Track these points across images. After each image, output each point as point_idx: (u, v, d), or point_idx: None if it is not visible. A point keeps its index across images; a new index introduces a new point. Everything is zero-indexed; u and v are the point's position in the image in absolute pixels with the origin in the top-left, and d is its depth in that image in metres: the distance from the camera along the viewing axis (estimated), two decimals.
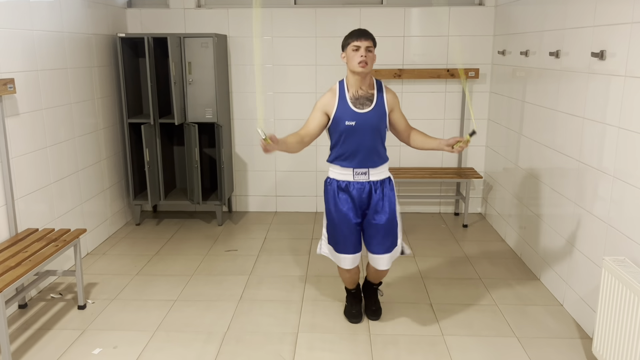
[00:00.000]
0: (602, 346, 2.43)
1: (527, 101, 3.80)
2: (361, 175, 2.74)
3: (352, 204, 2.76)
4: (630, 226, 2.50)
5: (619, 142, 2.59)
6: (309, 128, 2.74)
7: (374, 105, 2.70)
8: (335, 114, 2.70)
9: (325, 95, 2.75)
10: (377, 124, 2.70)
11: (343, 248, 2.81)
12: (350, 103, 2.69)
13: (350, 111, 2.68)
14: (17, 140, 3.16)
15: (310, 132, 2.73)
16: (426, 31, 4.67)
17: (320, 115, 2.72)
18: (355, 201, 2.75)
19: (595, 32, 2.82)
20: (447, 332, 2.93)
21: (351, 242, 2.80)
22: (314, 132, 2.73)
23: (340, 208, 2.76)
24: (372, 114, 2.69)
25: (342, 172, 2.76)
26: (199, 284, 3.53)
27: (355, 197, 2.75)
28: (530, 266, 3.73)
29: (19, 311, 3.15)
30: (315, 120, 2.73)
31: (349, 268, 2.85)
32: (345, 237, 2.79)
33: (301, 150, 2.76)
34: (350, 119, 2.67)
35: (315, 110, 2.74)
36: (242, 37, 4.73)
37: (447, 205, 5.07)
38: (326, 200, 2.84)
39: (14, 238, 3.03)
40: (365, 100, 2.70)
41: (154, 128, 4.51)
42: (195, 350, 2.75)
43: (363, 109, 2.68)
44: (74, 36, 3.81)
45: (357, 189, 2.75)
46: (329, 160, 2.81)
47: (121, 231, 4.53)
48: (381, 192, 2.76)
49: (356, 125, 2.67)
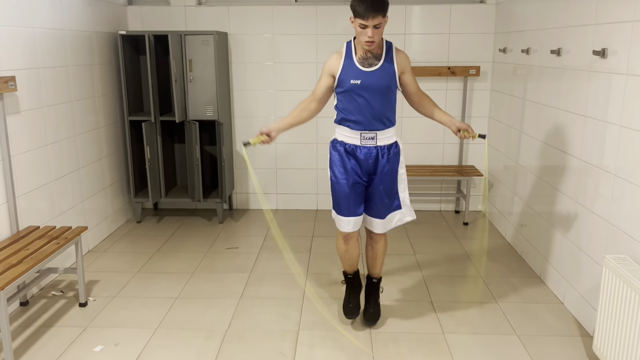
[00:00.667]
0: (602, 344, 2.43)
1: (528, 99, 3.79)
2: (369, 140, 2.66)
3: (358, 167, 2.70)
4: (631, 224, 2.50)
5: (620, 140, 2.59)
6: (316, 92, 2.69)
7: (381, 62, 2.60)
8: (340, 73, 2.62)
9: (331, 57, 2.68)
10: (385, 83, 2.60)
11: (345, 210, 2.75)
12: (356, 62, 2.60)
13: (356, 69, 2.59)
14: (19, 138, 3.16)
15: (317, 96, 2.67)
16: (427, 29, 4.67)
17: (327, 77, 2.66)
18: (361, 165, 2.69)
19: (596, 30, 2.82)
20: (448, 329, 2.93)
21: (353, 203, 2.73)
22: (320, 96, 2.67)
23: (345, 170, 2.70)
24: (379, 73, 2.59)
25: (349, 135, 2.68)
26: (200, 281, 3.54)
27: (362, 161, 2.68)
28: (531, 264, 3.73)
29: (21, 309, 3.16)
30: (321, 83, 2.67)
31: (347, 231, 2.78)
32: (348, 198, 2.72)
33: (309, 118, 2.73)
34: (355, 78, 2.58)
35: (322, 74, 2.69)
36: (243, 35, 4.73)
37: (447, 203, 5.07)
38: (331, 161, 2.76)
39: (15, 236, 3.04)
40: (373, 59, 2.60)
41: (154, 126, 4.51)
42: (196, 348, 2.76)
43: (370, 68, 2.59)
44: (75, 34, 3.81)
45: (364, 153, 2.68)
46: (335, 120, 2.73)
47: (122, 229, 4.54)
48: (387, 157, 2.70)
49: (362, 84, 2.57)
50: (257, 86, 4.83)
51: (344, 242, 2.87)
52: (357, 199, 2.75)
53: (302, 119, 2.73)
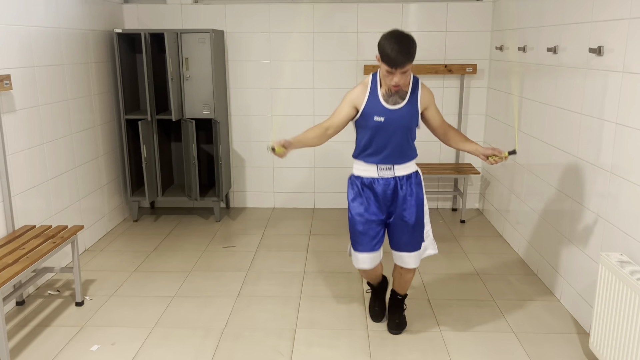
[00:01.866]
0: (598, 341, 2.44)
1: (525, 97, 3.80)
2: (386, 170, 2.62)
3: (375, 201, 2.65)
4: (627, 222, 2.50)
5: (616, 138, 2.59)
6: (334, 120, 2.63)
7: (406, 102, 2.56)
8: (364, 108, 2.56)
9: (356, 88, 2.62)
10: (407, 122, 2.57)
11: (360, 245, 2.69)
12: (381, 98, 2.55)
13: (381, 107, 2.55)
14: (14, 137, 3.15)
15: (335, 124, 2.62)
16: (424, 27, 4.66)
17: (349, 108, 2.60)
18: (379, 198, 2.64)
19: (593, 28, 2.82)
20: (445, 327, 2.93)
21: (368, 240, 2.67)
22: (339, 125, 2.63)
23: (363, 204, 2.66)
24: (403, 112, 2.56)
25: (366, 169, 2.65)
26: (197, 280, 3.53)
27: (380, 193, 2.64)
28: (528, 262, 3.74)
29: (17, 308, 3.15)
30: (342, 113, 2.61)
31: (366, 268, 2.73)
32: (364, 234, 2.67)
33: (323, 143, 2.67)
34: (379, 115, 2.54)
35: (344, 103, 2.62)
36: (240, 33, 4.72)
37: (444, 201, 5.08)
38: (349, 196, 2.72)
39: (11, 235, 3.03)
40: (398, 97, 2.55)
41: (151, 124, 4.50)
42: (193, 347, 2.75)
43: (395, 106, 2.55)
44: (70, 32, 3.79)
45: (382, 184, 2.63)
46: (354, 155, 2.70)
47: (119, 228, 4.53)
48: (408, 187, 2.65)
49: (385, 121, 2.54)
50: (254, 84, 4.82)
51: (365, 274, 2.85)
52: (375, 236, 2.68)
53: (316, 143, 2.67)
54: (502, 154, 2.52)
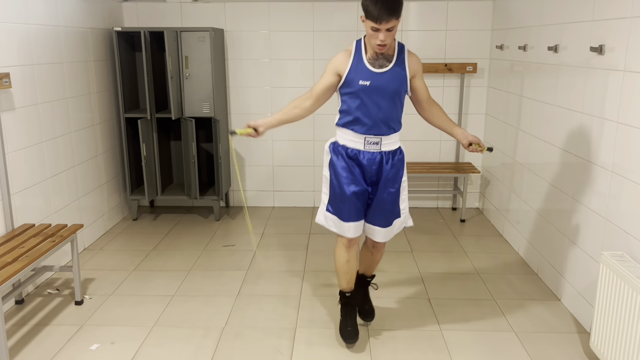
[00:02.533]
0: (599, 341, 2.44)
1: (525, 96, 3.79)
2: (373, 145, 2.52)
3: (361, 173, 2.56)
4: (628, 221, 2.50)
5: (617, 137, 2.59)
6: (313, 91, 2.53)
7: (392, 65, 2.45)
8: (348, 73, 2.45)
9: (338, 54, 2.51)
10: (396, 86, 2.46)
11: (348, 214, 2.59)
12: (366, 62, 2.45)
13: (366, 70, 2.43)
14: (13, 135, 3.14)
15: (315, 94, 2.52)
16: (424, 25, 4.66)
17: (331, 76, 2.49)
18: (364, 171, 2.56)
19: (594, 27, 2.82)
20: (445, 327, 2.93)
21: (355, 210, 2.59)
22: (319, 94, 2.52)
23: (348, 175, 2.55)
24: (390, 75, 2.45)
25: (353, 139, 2.53)
26: (197, 279, 3.52)
27: (365, 167, 2.55)
28: (528, 261, 3.73)
29: (16, 307, 3.14)
30: (323, 81, 2.51)
31: (351, 236, 2.63)
32: (352, 202, 2.57)
33: (303, 116, 2.57)
34: (364, 79, 2.42)
35: (326, 72, 2.51)
36: (239, 32, 4.71)
37: (444, 200, 5.07)
38: (332, 165, 2.60)
39: (10, 234, 3.02)
40: (384, 60, 2.45)
41: (150, 123, 4.48)
42: (193, 346, 2.75)
43: (381, 69, 2.44)
44: (69, 30, 3.78)
45: (368, 158, 2.54)
46: (338, 123, 2.57)
47: (118, 226, 4.52)
48: (392, 164, 2.57)
49: (371, 85, 2.42)
50: (254, 83, 4.81)
51: (345, 249, 2.69)
52: (360, 205, 2.61)
53: (294, 115, 2.57)
54: (482, 147, 2.52)
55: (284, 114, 2.59)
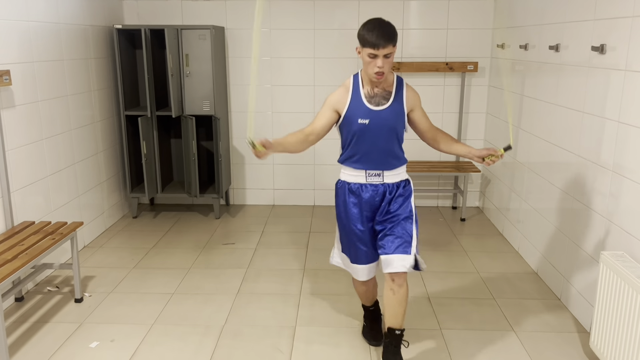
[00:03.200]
0: (599, 340, 2.44)
1: (526, 95, 3.79)
2: (375, 177, 2.48)
3: (361, 208, 2.50)
4: (629, 221, 2.50)
5: (619, 137, 2.59)
6: (315, 126, 2.48)
7: (390, 102, 2.43)
8: (347, 111, 2.43)
9: (336, 90, 2.48)
10: (393, 123, 2.43)
11: (355, 257, 2.57)
12: (364, 99, 2.42)
13: (364, 108, 2.41)
14: (13, 133, 3.13)
15: (317, 130, 2.48)
16: (425, 24, 4.65)
17: (330, 112, 2.46)
18: (367, 205, 2.49)
19: (595, 26, 2.81)
20: (445, 325, 2.93)
21: (363, 251, 2.55)
22: (320, 131, 2.48)
23: (351, 213, 2.52)
24: (388, 113, 2.42)
25: (354, 174, 2.51)
26: (197, 277, 3.52)
27: (368, 200, 2.49)
28: (528, 260, 3.73)
29: (16, 304, 3.14)
30: (324, 118, 2.47)
31: (364, 280, 2.61)
32: (357, 246, 2.55)
33: (304, 149, 2.53)
34: (363, 117, 2.40)
35: (325, 107, 2.48)
36: (240, 30, 4.70)
37: (445, 199, 5.07)
38: (337, 204, 2.59)
39: (10, 231, 3.01)
40: (382, 98, 2.43)
41: (151, 120, 4.48)
42: (192, 344, 2.75)
43: (379, 107, 2.41)
44: (70, 27, 3.77)
45: (371, 191, 2.49)
46: (339, 160, 2.56)
47: (118, 224, 4.52)
48: (396, 193, 2.50)
49: (370, 124, 2.40)
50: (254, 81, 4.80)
51: (361, 284, 2.68)
52: (370, 244, 2.55)
53: (298, 150, 2.52)
54: (497, 153, 2.43)
55: (291, 145, 2.50)
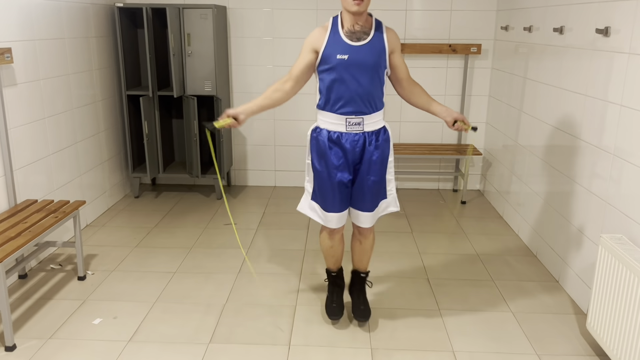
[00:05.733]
0: (596, 322, 2.46)
1: (529, 78, 3.77)
2: (355, 125, 2.42)
3: (344, 159, 2.48)
4: (628, 204, 2.51)
5: (621, 120, 2.58)
6: (292, 72, 2.44)
7: (370, 38, 2.37)
8: (325, 48, 2.37)
9: (314, 30, 2.42)
10: (375, 60, 2.37)
11: (331, 205, 2.54)
12: (343, 36, 2.36)
13: (343, 43, 2.35)
14: (15, 111, 3.13)
15: (293, 74, 2.43)
16: (428, 5, 4.61)
17: (309, 54, 2.40)
18: (347, 155, 2.47)
19: (600, 8, 2.79)
20: (444, 306, 2.96)
21: (340, 199, 2.53)
22: (297, 75, 2.43)
23: (332, 162, 2.47)
24: (368, 48, 2.36)
25: (333, 121, 2.45)
26: (198, 256, 3.55)
27: (349, 150, 2.46)
28: (527, 242, 3.75)
29: (19, 281, 3.18)
30: (301, 60, 2.42)
31: (335, 227, 2.60)
32: (334, 194, 2.51)
33: (283, 99, 2.48)
34: (342, 52, 2.34)
35: (303, 50, 2.42)
36: (242, 9, 4.66)
37: (445, 181, 5.08)
38: (313, 152, 2.53)
39: (13, 209, 3.03)
40: (362, 33, 2.37)
41: (152, 100, 4.47)
42: (194, 321, 2.78)
43: (359, 42, 2.35)
44: (71, 5, 3.75)
45: (351, 141, 2.45)
46: (318, 106, 2.49)
47: (120, 203, 4.54)
48: (375, 146, 2.48)
49: (349, 59, 2.33)
50: (256, 61, 4.78)
51: (329, 237, 2.69)
52: (344, 194, 2.55)
53: (275, 100, 2.48)
54: (468, 125, 2.44)
55: (264, 98, 2.48)
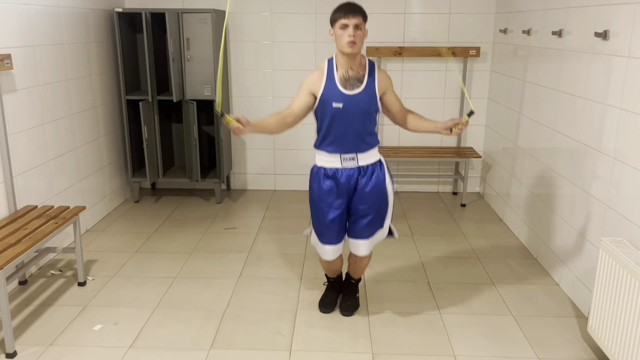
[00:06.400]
0: (597, 325, 2.46)
1: (528, 81, 3.77)
2: (350, 161, 2.59)
3: (337, 193, 2.62)
4: (628, 207, 2.51)
5: (620, 123, 2.59)
6: (293, 108, 2.57)
7: (364, 86, 2.52)
8: (322, 94, 2.52)
9: (312, 74, 2.57)
10: (366, 107, 2.53)
11: (327, 238, 2.70)
12: (338, 84, 2.51)
13: (338, 92, 2.51)
14: (15, 117, 3.13)
15: (294, 112, 2.56)
16: (427, 8, 4.62)
17: (306, 95, 2.55)
18: (343, 189, 2.61)
19: (599, 12, 2.79)
20: (445, 310, 2.96)
21: (334, 233, 2.68)
22: (298, 113, 2.56)
23: (325, 198, 2.63)
24: (361, 96, 2.52)
25: (329, 159, 2.61)
26: (198, 261, 3.55)
27: (344, 184, 2.61)
28: (528, 246, 3.75)
29: (20, 287, 3.17)
30: (300, 100, 2.56)
31: (331, 259, 2.76)
32: (329, 228, 2.67)
33: (282, 131, 2.60)
34: (337, 101, 2.50)
35: (301, 90, 2.57)
36: (241, 13, 4.67)
37: (445, 184, 5.08)
38: (311, 188, 2.69)
39: (13, 215, 3.03)
40: (355, 81, 2.52)
41: (152, 105, 4.47)
42: (195, 327, 2.78)
43: (352, 91, 2.51)
44: (70, 11, 3.75)
45: (346, 175, 2.60)
46: (315, 145, 2.65)
47: (120, 208, 4.54)
48: (369, 178, 2.62)
49: (344, 107, 2.50)
50: (255, 65, 4.79)
51: (326, 262, 2.86)
52: (340, 228, 2.69)
53: (276, 131, 2.60)
54: (462, 120, 2.49)
55: (269, 125, 2.57)
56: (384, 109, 2.66)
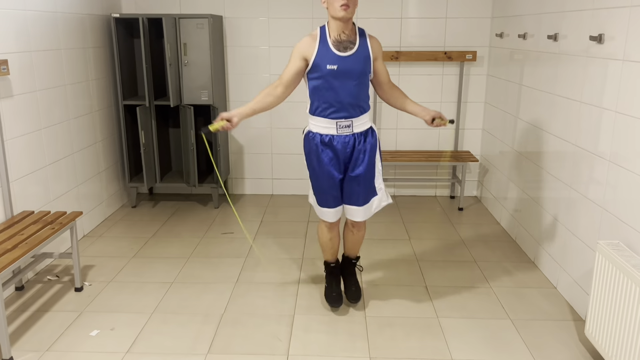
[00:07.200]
0: (594, 329, 2.46)
1: (525, 84, 3.79)
2: (345, 128, 2.63)
3: (335, 159, 2.69)
4: (625, 210, 2.51)
5: (616, 127, 2.59)
6: (282, 77, 2.61)
7: (356, 48, 2.57)
8: (315, 58, 2.55)
9: (303, 39, 2.60)
10: (361, 68, 2.57)
11: (325, 202, 2.78)
12: (332, 46, 2.55)
13: (332, 54, 2.54)
14: (12, 122, 3.13)
15: (284, 80, 2.59)
16: (424, 13, 4.63)
17: (298, 61, 2.58)
18: (339, 156, 2.68)
19: (594, 15, 2.81)
20: (442, 314, 2.96)
21: (333, 196, 2.76)
22: (288, 81, 2.60)
23: (324, 164, 2.69)
24: (355, 57, 2.56)
25: (325, 125, 2.64)
26: (196, 266, 3.54)
27: (340, 151, 2.67)
28: (525, 249, 3.76)
29: (16, 293, 3.16)
30: (292, 67, 2.59)
31: (331, 221, 2.84)
32: (328, 192, 2.75)
33: (274, 104, 2.64)
34: (332, 63, 2.53)
35: (293, 57, 2.59)
36: (238, 19, 4.68)
37: (442, 188, 5.09)
38: (307, 154, 2.74)
39: (9, 221, 3.03)
40: (348, 43, 2.56)
41: (149, 110, 4.48)
42: (192, 332, 2.77)
43: (346, 52, 2.55)
44: (67, 16, 3.76)
45: (342, 142, 2.66)
46: (310, 111, 2.68)
47: (117, 213, 4.53)
48: (363, 145, 2.68)
49: (338, 69, 2.53)
50: (253, 70, 4.79)
51: (327, 229, 2.91)
52: (336, 192, 2.77)
53: (267, 104, 2.63)
54: (445, 120, 2.60)
55: (256, 102, 2.64)
56: (373, 78, 2.72)
